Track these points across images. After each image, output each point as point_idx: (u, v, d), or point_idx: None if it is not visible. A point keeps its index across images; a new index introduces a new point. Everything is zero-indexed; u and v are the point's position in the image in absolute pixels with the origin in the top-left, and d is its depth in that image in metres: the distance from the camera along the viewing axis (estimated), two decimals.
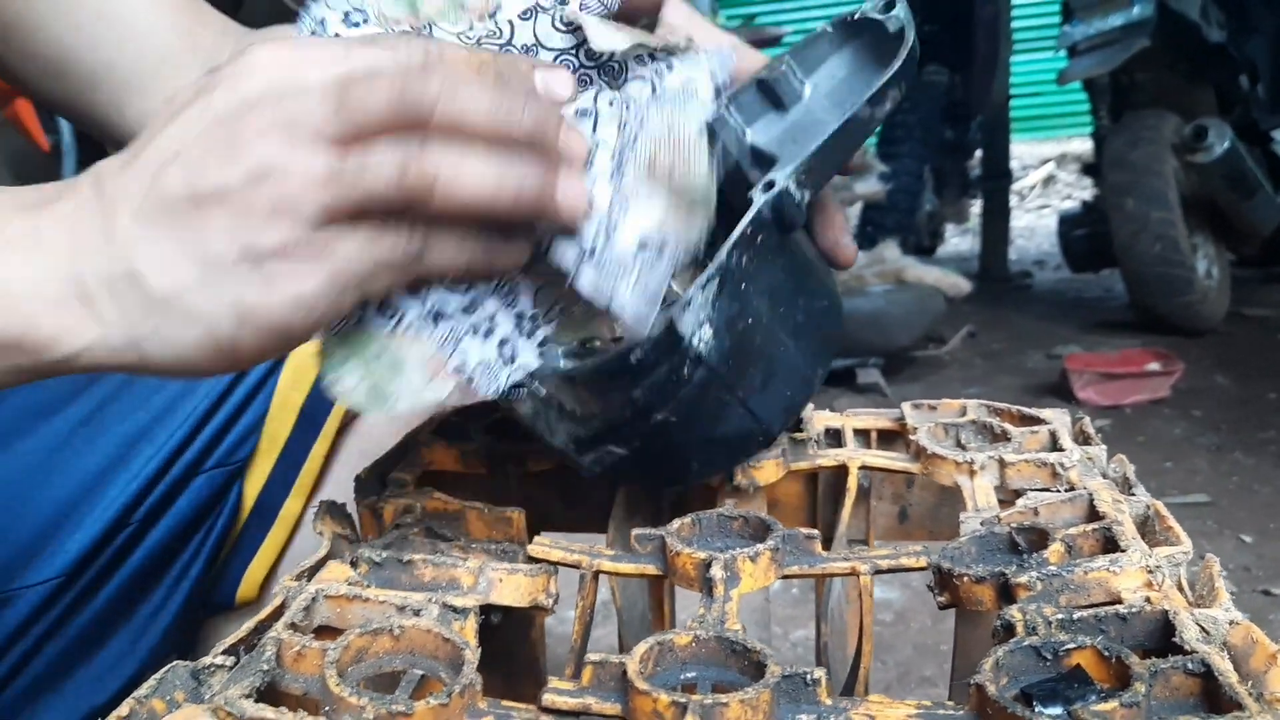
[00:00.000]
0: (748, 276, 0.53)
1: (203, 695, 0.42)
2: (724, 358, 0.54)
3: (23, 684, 0.71)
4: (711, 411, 0.57)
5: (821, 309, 0.62)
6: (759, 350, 0.57)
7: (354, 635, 0.45)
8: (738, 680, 0.45)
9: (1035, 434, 0.69)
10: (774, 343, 0.58)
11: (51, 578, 0.69)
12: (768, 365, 0.58)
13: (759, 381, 0.58)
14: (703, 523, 0.58)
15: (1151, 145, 3.56)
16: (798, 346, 0.60)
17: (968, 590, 0.54)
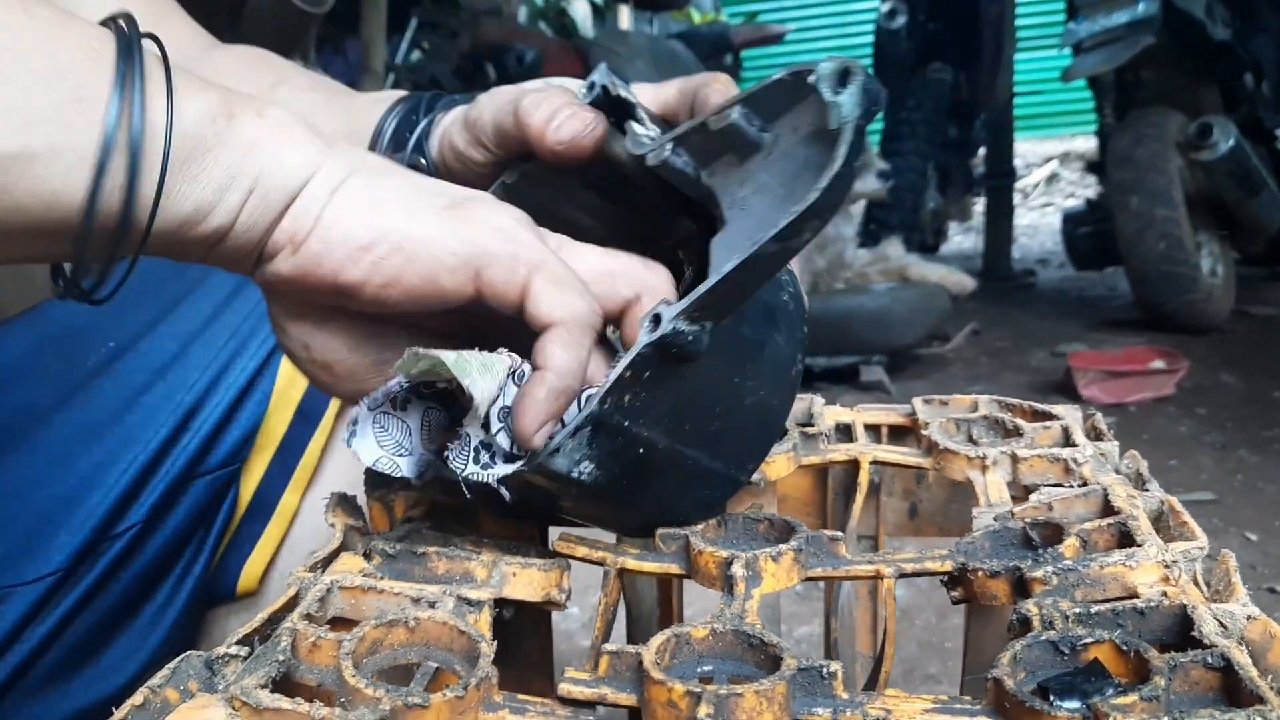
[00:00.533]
0: (633, 413, 0.49)
1: (217, 685, 0.42)
2: (615, 481, 0.52)
3: (34, 678, 0.71)
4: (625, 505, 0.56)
5: (754, 403, 0.56)
6: (660, 469, 0.53)
7: (369, 627, 0.44)
8: (754, 674, 0.45)
9: (1048, 429, 0.69)
10: (678, 459, 0.53)
11: (46, 575, 0.70)
12: (674, 480, 0.55)
13: (667, 491, 0.55)
14: (728, 524, 0.58)
15: (1156, 143, 3.56)
16: (713, 455, 0.55)
17: (982, 585, 0.54)
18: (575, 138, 0.55)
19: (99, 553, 0.72)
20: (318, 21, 3.28)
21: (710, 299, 0.48)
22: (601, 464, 0.51)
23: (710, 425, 0.54)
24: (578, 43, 5.18)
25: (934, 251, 5.30)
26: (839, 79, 0.48)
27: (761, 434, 0.58)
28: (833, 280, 3.58)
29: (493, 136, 0.59)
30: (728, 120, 0.52)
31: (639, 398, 0.49)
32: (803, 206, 0.45)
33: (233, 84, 0.75)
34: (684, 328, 0.48)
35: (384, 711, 0.39)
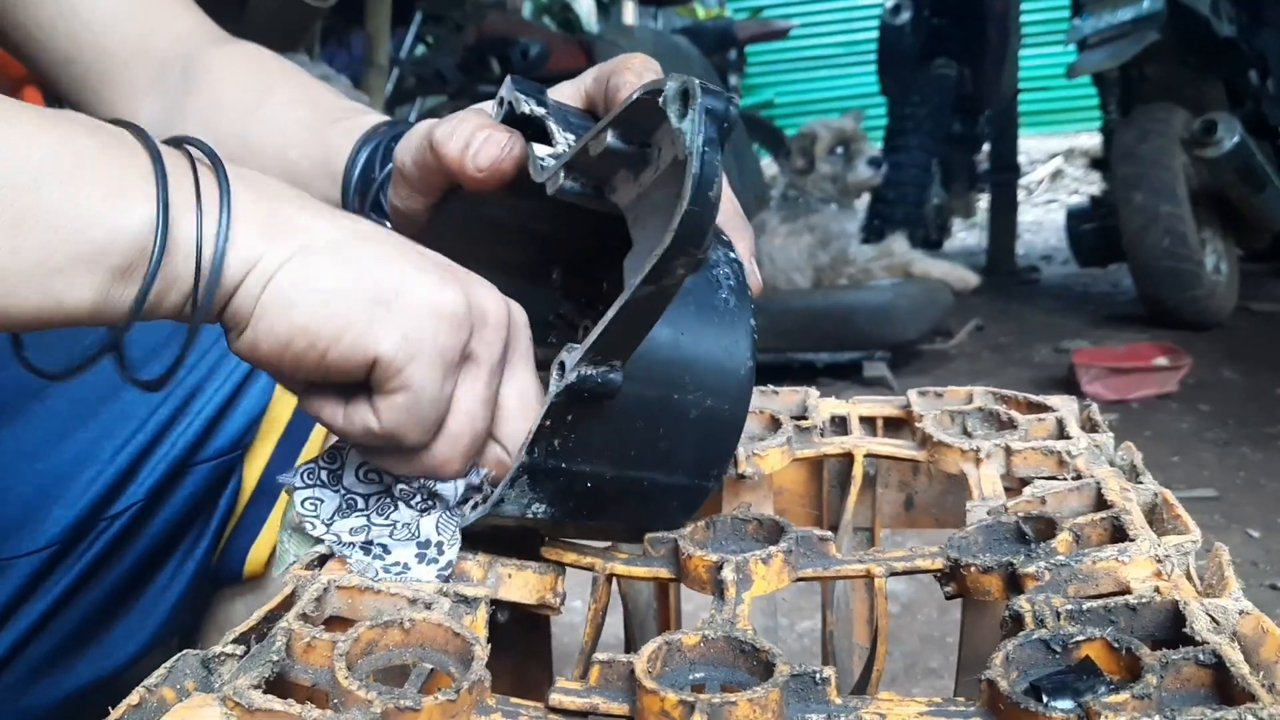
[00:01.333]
0: (566, 455, 0.50)
1: (213, 684, 0.42)
2: (574, 512, 0.52)
3: (37, 654, 0.72)
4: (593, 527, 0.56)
5: (700, 414, 0.54)
6: (618, 494, 0.53)
7: (364, 628, 0.44)
8: (746, 680, 0.45)
9: (1042, 421, 0.69)
10: (631, 483, 0.53)
11: (41, 548, 0.71)
12: (636, 500, 0.55)
13: (633, 510, 0.56)
14: (717, 526, 0.58)
15: (1161, 139, 3.55)
16: (669, 471, 0.55)
17: (975, 580, 0.54)
18: (494, 162, 0.55)
19: (97, 531, 0.73)
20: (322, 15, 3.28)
21: (605, 342, 0.47)
22: (553, 502, 0.51)
23: (657, 445, 0.53)
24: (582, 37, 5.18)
25: (938, 247, 5.29)
26: (682, 100, 0.44)
27: (717, 440, 0.56)
28: (836, 275, 3.58)
29: (418, 178, 0.59)
30: (603, 145, 0.49)
31: (568, 440, 0.50)
32: (660, 250, 0.43)
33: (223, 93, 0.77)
34: (589, 371, 0.48)
35: (375, 714, 0.39)
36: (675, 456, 0.54)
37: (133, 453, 0.73)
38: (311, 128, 0.74)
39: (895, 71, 5.09)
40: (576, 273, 0.66)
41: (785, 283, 3.52)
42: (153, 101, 0.81)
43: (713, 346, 0.55)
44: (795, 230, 3.62)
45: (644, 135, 0.49)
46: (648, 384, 0.51)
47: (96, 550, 0.73)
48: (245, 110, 0.77)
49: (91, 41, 0.79)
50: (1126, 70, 4.07)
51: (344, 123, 0.73)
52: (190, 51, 0.81)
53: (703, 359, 0.54)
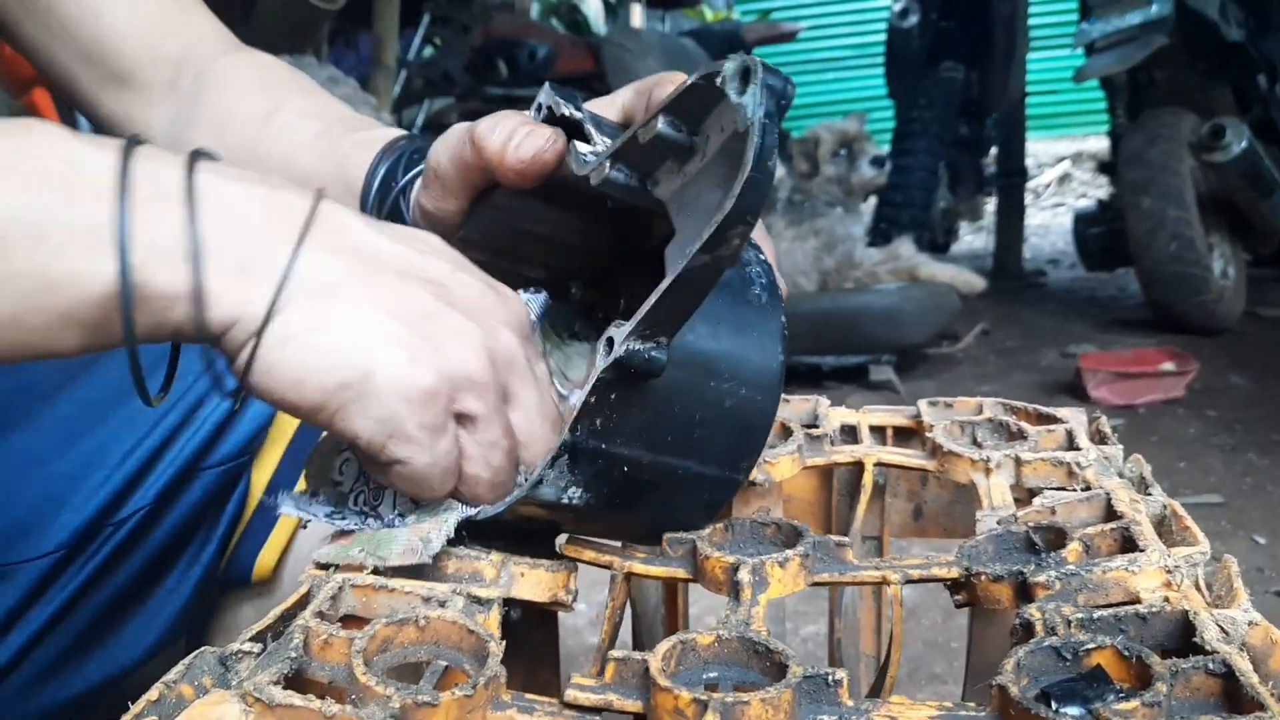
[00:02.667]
0: (606, 435, 0.50)
1: (230, 681, 0.42)
2: (608, 499, 0.53)
3: (43, 657, 0.73)
4: (624, 519, 0.57)
5: (735, 404, 0.55)
6: (652, 482, 0.54)
7: (380, 625, 0.45)
8: (759, 680, 0.45)
9: (1052, 433, 0.70)
10: (666, 470, 0.54)
11: (49, 552, 0.71)
12: (668, 490, 0.55)
13: (664, 501, 0.56)
14: (735, 529, 0.59)
15: (1169, 143, 3.55)
16: (702, 460, 0.55)
17: (985, 589, 0.54)
18: (537, 154, 0.56)
19: (104, 536, 0.73)
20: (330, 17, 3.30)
21: (655, 317, 0.48)
22: (588, 486, 0.52)
23: (693, 433, 0.54)
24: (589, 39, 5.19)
25: (944, 251, 5.30)
26: (742, 78, 0.46)
27: (750, 432, 0.57)
28: (842, 279, 3.58)
29: (455, 177, 0.59)
30: (654, 132, 0.51)
31: (610, 420, 0.50)
32: (720, 217, 0.45)
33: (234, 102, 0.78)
34: (638, 347, 0.48)
35: (394, 709, 0.40)
36: (709, 446, 0.55)
37: (141, 457, 0.73)
38: (324, 137, 0.75)
39: (902, 75, 5.09)
40: (595, 288, 0.66)
41: (791, 286, 3.52)
42: (166, 108, 0.82)
43: (748, 339, 0.56)
44: (801, 234, 3.63)
45: (694, 123, 0.51)
46: (686, 370, 0.52)
47: (103, 555, 0.73)
48: (257, 120, 0.77)
49: (112, 46, 0.80)
50: (1134, 74, 4.07)
51: (358, 134, 0.73)
52: (203, 58, 0.82)
53: (738, 350, 0.55)
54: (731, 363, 0.55)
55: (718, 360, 0.54)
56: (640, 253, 0.64)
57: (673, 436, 0.53)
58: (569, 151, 0.57)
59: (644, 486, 0.54)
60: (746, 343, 0.56)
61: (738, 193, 0.44)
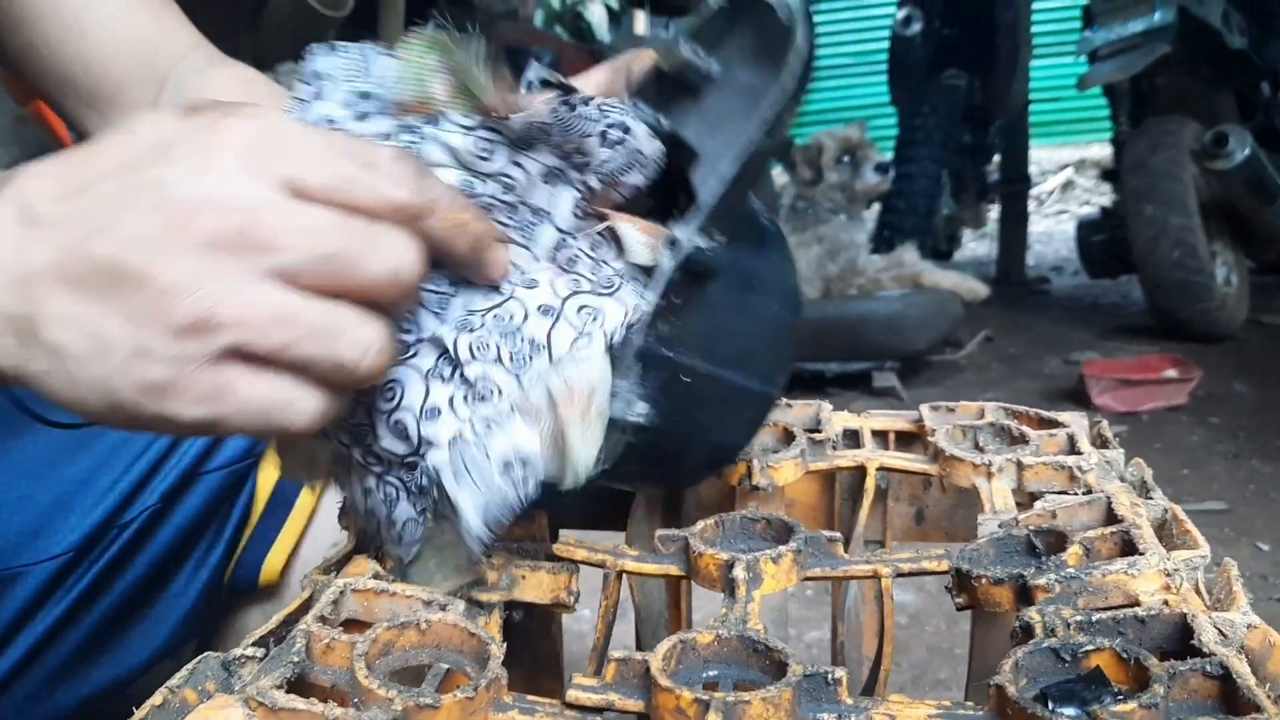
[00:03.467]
0: (671, 342, 0.51)
1: (233, 686, 0.43)
2: (666, 417, 0.53)
3: (51, 661, 0.73)
4: (671, 452, 0.57)
5: (770, 317, 0.59)
6: (703, 396, 0.55)
7: (382, 629, 0.45)
8: (759, 679, 0.46)
9: (1053, 437, 0.70)
10: (717, 382, 0.56)
11: (57, 555, 0.71)
12: (717, 405, 0.57)
13: (712, 418, 0.58)
14: (726, 525, 0.59)
15: (1171, 151, 3.56)
16: (747, 373, 0.58)
17: (986, 592, 0.54)
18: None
19: (110, 538, 0.73)
20: (336, 24, 3.30)
21: (717, 208, 0.51)
22: (653, 401, 0.52)
23: (738, 344, 0.57)
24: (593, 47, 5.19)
25: (948, 258, 5.30)
26: None
27: (783, 346, 0.60)
28: (845, 286, 3.59)
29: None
30: (679, 59, 0.54)
31: (674, 325, 0.52)
32: (777, 91, 0.50)
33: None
34: (701, 243, 0.51)
35: (396, 712, 0.40)
36: (752, 357, 0.58)
37: (150, 459, 0.74)
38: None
39: (906, 82, 5.10)
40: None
41: None
42: None
43: (770, 259, 0.60)
44: (804, 241, 3.63)
45: (711, 49, 0.54)
46: (728, 282, 0.54)
47: (109, 558, 0.74)
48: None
49: (98, 64, 0.80)
50: (1137, 82, 4.07)
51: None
52: (187, 73, 0.82)
53: (766, 267, 0.59)
54: (763, 277, 0.58)
55: (751, 275, 0.57)
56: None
57: (723, 346, 0.56)
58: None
59: (699, 400, 0.55)
60: (769, 262, 0.59)
61: (794, 67, 0.50)
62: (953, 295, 3.50)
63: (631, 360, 0.50)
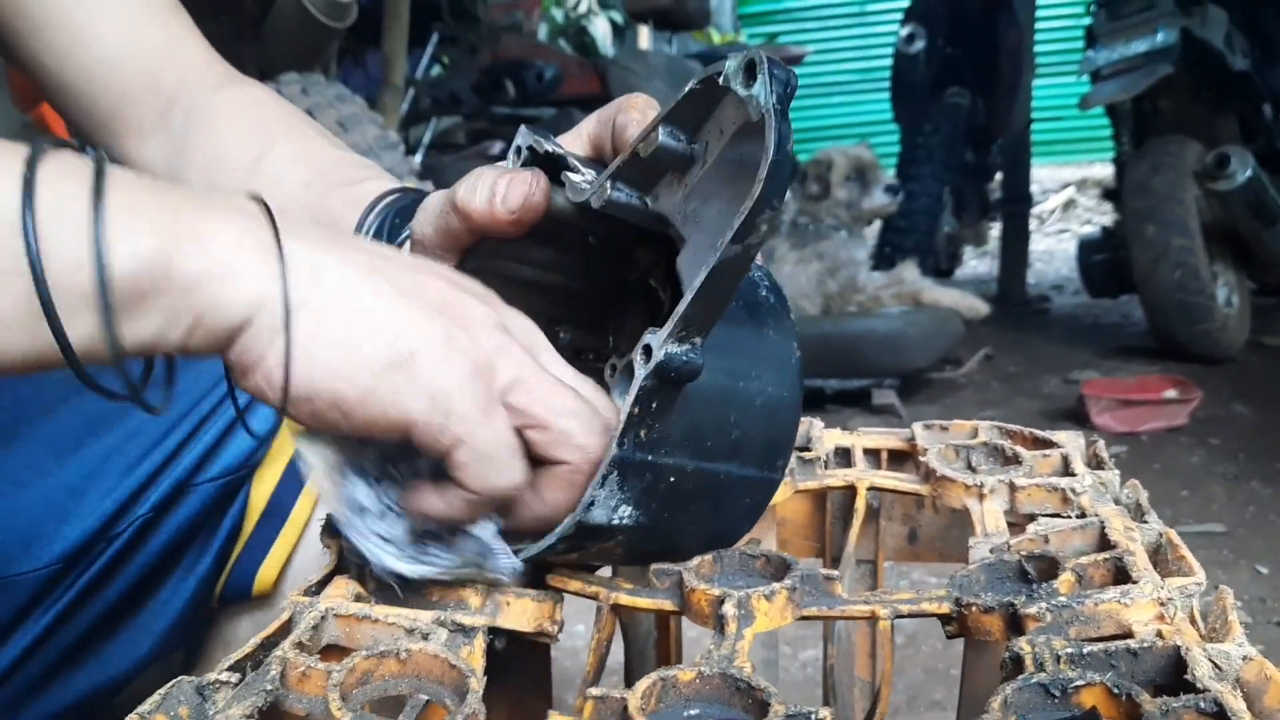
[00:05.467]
0: (652, 446, 0.51)
1: (207, 711, 0.42)
2: (655, 516, 0.53)
3: (36, 668, 0.72)
4: (667, 544, 0.57)
5: (765, 401, 0.57)
6: (694, 491, 0.54)
7: (360, 658, 0.44)
8: (741, 719, 0.45)
9: (1047, 457, 0.69)
10: (709, 477, 0.55)
11: (48, 564, 0.71)
12: (711, 497, 0.56)
13: (708, 509, 0.56)
14: (724, 560, 0.58)
15: (1173, 172, 3.55)
16: (742, 463, 0.56)
17: (976, 620, 0.53)
18: (525, 199, 0.56)
19: (98, 549, 0.73)
20: (339, 35, 3.31)
21: (691, 314, 0.49)
22: (638, 503, 0.52)
23: (730, 435, 0.55)
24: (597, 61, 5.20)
25: (948, 276, 5.29)
26: (747, 73, 0.47)
27: (781, 428, 0.58)
28: (845, 303, 3.58)
29: (442, 244, 0.59)
30: (655, 145, 0.52)
31: (653, 429, 0.51)
32: (750, 204, 0.46)
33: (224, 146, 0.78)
34: (675, 350, 0.49)
35: None
36: (745, 446, 0.56)
37: (147, 470, 0.73)
38: (311, 189, 0.75)
39: (908, 100, 5.10)
40: (583, 330, 0.67)
41: (794, 310, 3.51)
42: (157, 142, 0.82)
43: (765, 338, 0.58)
44: (804, 257, 3.63)
45: (693, 129, 0.52)
46: (716, 373, 0.52)
47: (98, 567, 0.73)
48: (246, 167, 0.77)
49: (102, 77, 0.80)
50: (1140, 103, 4.08)
51: (349, 189, 0.73)
52: (196, 94, 0.81)
53: (759, 349, 0.57)
54: (755, 361, 0.56)
55: (741, 361, 0.56)
56: (623, 288, 0.64)
57: (712, 441, 0.54)
58: (564, 184, 0.57)
59: (690, 497, 0.54)
60: (765, 341, 0.57)
61: (765, 177, 0.45)
62: (953, 313, 3.49)
63: (607, 469, 0.50)
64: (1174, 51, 3.51)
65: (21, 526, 0.71)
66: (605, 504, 0.51)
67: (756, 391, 0.56)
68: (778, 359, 0.58)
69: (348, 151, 0.81)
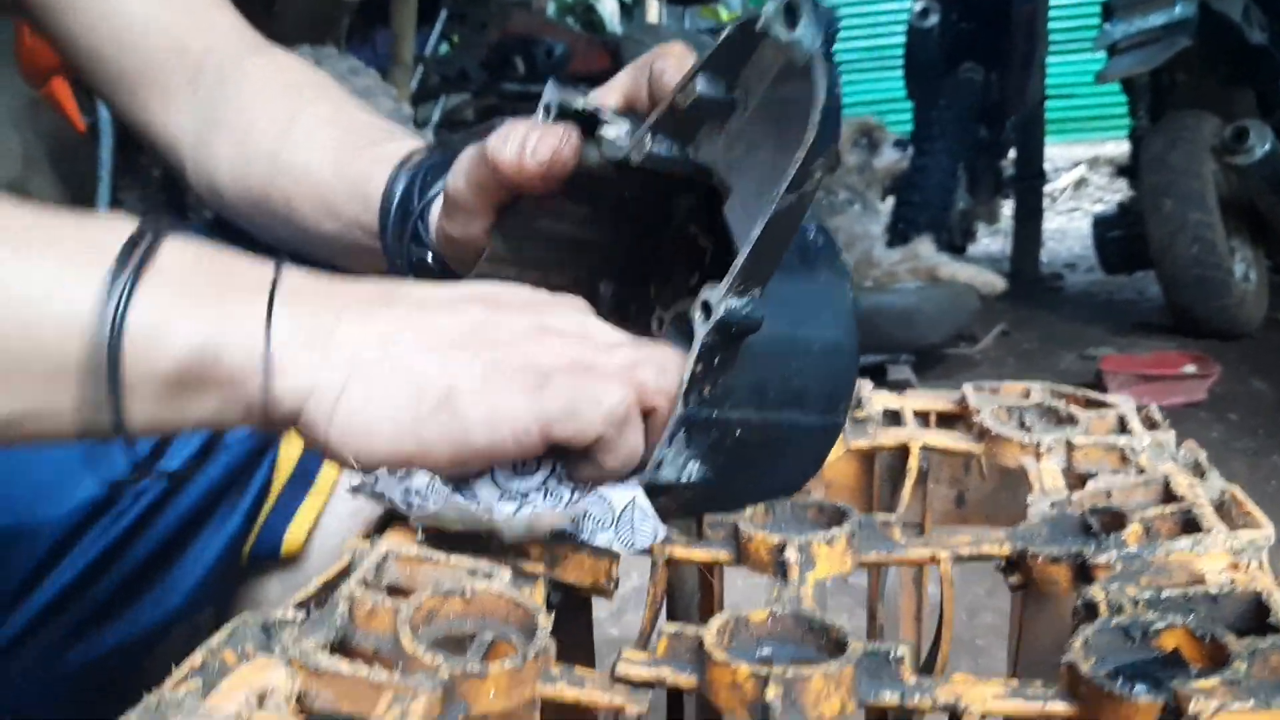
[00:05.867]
0: (717, 401, 0.51)
1: (273, 648, 0.41)
2: (723, 470, 0.53)
3: (68, 619, 0.72)
4: (734, 495, 0.57)
5: (824, 345, 0.56)
6: (759, 443, 0.54)
7: (426, 595, 0.44)
8: (814, 658, 0.44)
9: (1102, 418, 0.68)
10: (775, 427, 0.55)
11: (71, 512, 0.71)
12: (776, 447, 0.56)
13: (773, 459, 0.56)
14: (776, 511, 0.57)
15: (1190, 146, 3.52)
16: (805, 410, 0.56)
17: (1042, 570, 0.53)
18: (554, 153, 0.55)
19: (126, 502, 0.73)
20: (350, 9, 3.29)
21: (749, 267, 0.48)
22: (705, 459, 0.51)
23: (791, 383, 0.54)
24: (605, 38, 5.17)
25: (961, 253, 5.26)
26: (788, 17, 0.47)
27: (841, 371, 0.58)
28: (860, 278, 3.56)
29: (474, 200, 0.59)
30: (693, 95, 0.51)
31: (716, 385, 0.50)
32: (803, 151, 0.45)
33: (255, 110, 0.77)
34: (735, 304, 0.48)
35: (443, 679, 0.39)
36: (808, 393, 0.55)
37: None
38: (342, 149, 0.74)
39: (922, 76, 5.07)
40: (622, 283, 0.66)
41: None
42: (187, 109, 0.81)
43: (819, 282, 0.57)
44: None
45: (731, 76, 0.51)
46: (775, 322, 0.51)
47: (126, 522, 0.73)
48: (277, 130, 0.77)
49: (132, 42, 0.79)
50: (1157, 76, 4.04)
51: (376, 148, 0.73)
52: (224, 60, 0.81)
53: (814, 294, 0.56)
54: (811, 307, 0.56)
55: (799, 307, 0.55)
56: (663, 238, 0.63)
57: (775, 391, 0.53)
58: (597, 139, 0.56)
59: (755, 448, 0.54)
60: (818, 285, 0.57)
61: (816, 123, 0.45)
62: (969, 288, 3.47)
63: (674, 428, 0.49)
64: (1192, 24, 3.47)
65: (44, 472, 0.70)
66: (674, 463, 0.50)
67: (815, 337, 0.55)
68: (833, 302, 0.57)
69: (376, 115, 0.80)
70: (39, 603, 0.70)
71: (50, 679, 0.74)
